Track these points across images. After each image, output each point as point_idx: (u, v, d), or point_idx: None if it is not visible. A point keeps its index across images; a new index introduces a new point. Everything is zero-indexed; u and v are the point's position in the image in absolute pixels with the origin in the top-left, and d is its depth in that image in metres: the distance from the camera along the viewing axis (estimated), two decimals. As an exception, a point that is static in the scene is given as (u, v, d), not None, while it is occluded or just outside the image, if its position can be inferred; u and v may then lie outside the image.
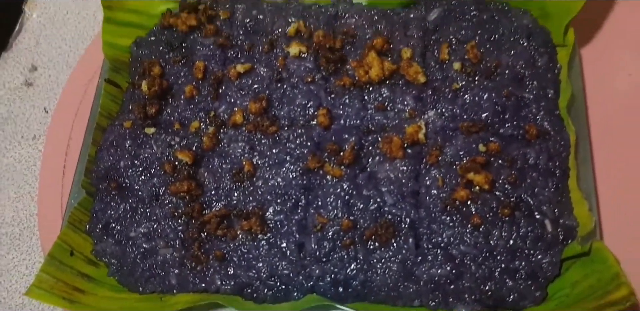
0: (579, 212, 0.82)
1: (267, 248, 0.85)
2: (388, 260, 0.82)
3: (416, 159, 0.87)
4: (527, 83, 0.90)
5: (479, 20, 0.95)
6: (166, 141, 0.94)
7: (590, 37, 0.99)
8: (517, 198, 0.83)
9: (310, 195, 0.87)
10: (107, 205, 0.92)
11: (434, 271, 0.81)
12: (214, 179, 0.91)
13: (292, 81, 0.95)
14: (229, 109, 0.95)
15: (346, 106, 0.92)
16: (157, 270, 0.87)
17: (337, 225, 0.84)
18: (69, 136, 1.06)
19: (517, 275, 0.80)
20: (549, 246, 0.81)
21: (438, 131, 0.89)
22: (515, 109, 0.88)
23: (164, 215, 0.89)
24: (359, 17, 1.00)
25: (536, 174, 0.84)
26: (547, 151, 0.86)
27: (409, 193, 0.85)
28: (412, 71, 0.91)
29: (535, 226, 0.82)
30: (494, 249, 0.81)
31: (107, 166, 0.94)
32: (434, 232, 0.83)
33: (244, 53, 1.00)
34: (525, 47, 0.92)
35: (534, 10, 0.97)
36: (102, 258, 0.90)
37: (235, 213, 0.87)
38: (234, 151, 0.92)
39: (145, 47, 1.04)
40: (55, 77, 1.19)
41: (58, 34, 1.23)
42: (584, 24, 0.96)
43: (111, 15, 1.04)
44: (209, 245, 0.87)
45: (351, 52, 0.97)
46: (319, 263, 0.83)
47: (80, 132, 1.02)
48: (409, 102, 0.91)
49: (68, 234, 0.90)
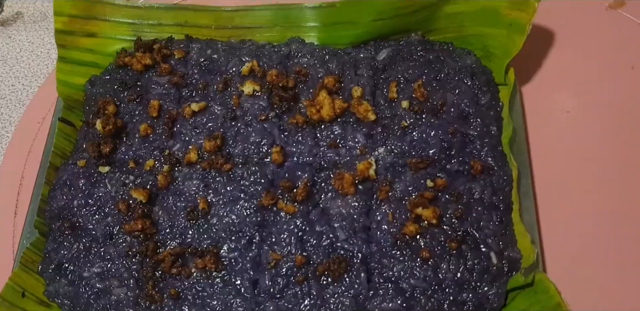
0: (522, 244, 0.85)
1: (222, 285, 0.85)
2: (341, 295, 0.83)
3: (367, 195, 0.90)
4: (472, 120, 0.94)
5: (426, 60, 1.00)
6: (120, 180, 0.94)
7: (529, 76, 1.04)
8: (463, 231, 0.86)
9: (264, 232, 0.89)
10: (60, 245, 0.92)
11: (385, 305, 0.82)
12: (168, 217, 0.91)
13: (246, 119, 0.97)
14: (184, 147, 0.96)
15: (299, 143, 0.95)
16: (110, 310, 0.87)
17: (290, 261, 0.85)
18: (22, 174, 1.05)
19: (465, 307, 0.82)
20: (495, 278, 0.83)
21: (388, 167, 0.91)
22: (460, 146, 0.92)
23: (118, 254, 0.89)
24: (310, 56, 1.03)
25: (481, 208, 0.87)
26: (492, 185, 0.89)
27: (360, 228, 0.87)
28: (362, 109, 0.94)
29: (481, 259, 0.84)
30: (442, 282, 0.83)
31: (60, 205, 0.94)
32: (385, 266, 0.85)
33: (198, 92, 1.01)
34: (469, 86, 0.97)
35: (476, 50, 1.02)
36: (55, 299, 0.89)
37: (189, 250, 0.88)
38: (188, 189, 0.93)
39: (100, 86, 1.05)
40: (8, 115, 1.20)
41: (11, 72, 1.24)
42: (524, 64, 1.01)
43: (65, 55, 1.05)
44: (164, 284, 0.87)
45: (304, 91, 0.99)
46: (273, 300, 0.84)
47: (33, 171, 1.01)
48: (360, 139, 0.94)
49: (20, 276, 0.89)
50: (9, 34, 1.28)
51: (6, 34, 1.28)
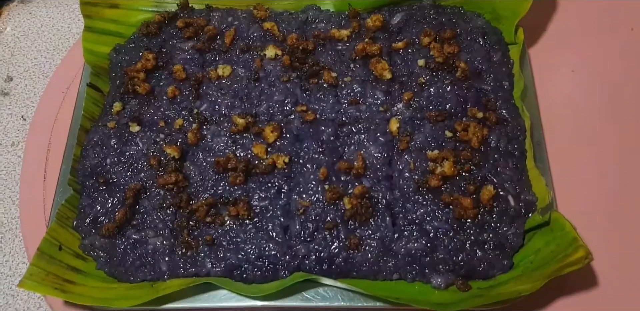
0: (537, 188, 0.90)
1: (254, 231, 0.89)
2: (368, 237, 0.88)
3: (388, 147, 0.94)
4: (485, 76, 0.99)
5: (438, 23, 1.04)
6: (151, 138, 0.98)
7: (536, 38, 1.09)
8: (482, 177, 0.91)
9: (292, 182, 0.93)
10: (94, 201, 0.95)
11: (410, 245, 0.87)
12: (199, 172, 0.95)
13: (269, 80, 1.02)
14: (211, 107, 1.00)
15: (321, 101, 0.99)
16: (147, 258, 0.90)
17: (318, 208, 0.90)
18: (49, 141, 1.08)
19: (486, 246, 0.87)
20: (513, 219, 0.88)
21: (407, 121, 0.96)
22: (475, 99, 0.97)
23: (152, 207, 0.93)
24: (327, 21, 1.07)
25: (497, 155, 0.92)
26: (506, 135, 0.94)
27: (383, 177, 0.92)
28: (380, 67, 0.98)
29: (499, 202, 0.89)
30: (463, 224, 0.88)
31: (94, 163, 0.97)
32: (409, 210, 0.89)
33: (222, 56, 1.05)
34: (482, 45, 1.01)
35: (485, 13, 1.07)
36: (90, 252, 0.92)
37: (222, 201, 0.92)
38: (217, 145, 0.96)
39: (125, 54, 1.09)
40: (32, 86, 1.23)
41: (33, 46, 1.27)
42: (530, 27, 1.06)
43: (91, 24, 1.09)
44: (198, 232, 0.91)
45: (322, 53, 1.04)
46: (304, 243, 0.88)
47: (60, 138, 1.05)
48: (379, 96, 0.98)
49: (56, 230, 0.92)
50: (29, 10, 1.31)
51: (26, 10, 1.31)
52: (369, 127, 0.96)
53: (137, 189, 0.93)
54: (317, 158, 0.94)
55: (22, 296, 1.00)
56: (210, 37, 1.06)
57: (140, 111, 1.01)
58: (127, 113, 1.01)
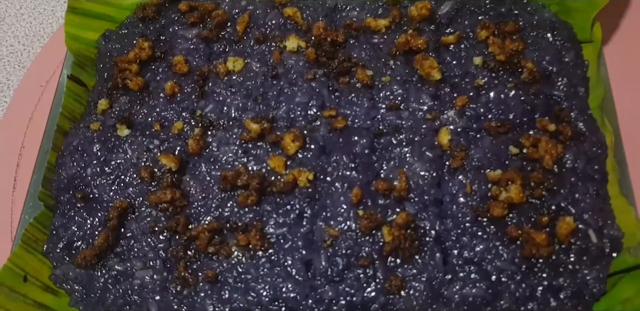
0: (623, 220, 0.75)
1: (269, 266, 0.76)
2: (413, 279, 0.73)
3: (437, 164, 0.78)
4: (556, 80, 0.83)
5: (497, 14, 0.89)
6: (143, 144, 0.85)
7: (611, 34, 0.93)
8: (556, 205, 0.75)
9: (316, 205, 0.78)
10: (70, 220, 0.83)
11: (468, 291, 0.73)
12: (201, 188, 0.81)
13: (289, 77, 0.88)
14: (217, 108, 0.86)
15: (353, 105, 0.85)
16: (132, 296, 0.78)
17: (350, 239, 0.74)
18: (22, 144, 0.96)
19: (561, 294, 0.72)
20: (595, 260, 0.73)
21: (460, 132, 0.80)
22: (545, 108, 0.80)
23: (141, 231, 0.80)
24: (361, 9, 0.93)
25: (575, 179, 0.76)
26: (584, 153, 0.78)
27: (431, 202, 0.77)
28: (427, 65, 0.83)
29: (578, 237, 0.73)
30: (534, 265, 0.72)
31: (71, 173, 0.85)
32: (464, 246, 0.75)
33: (232, 46, 0.91)
34: (551, 42, 0.86)
35: (552, 5, 0.91)
36: (63, 285, 0.80)
37: (228, 226, 0.78)
38: (224, 155, 0.82)
39: (116, 41, 0.95)
40: (5, 78, 1.11)
41: (9, 31, 1.16)
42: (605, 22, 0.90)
43: (76, 4, 0.96)
44: (198, 265, 0.77)
45: (355, 47, 0.89)
46: (331, 284, 0.74)
47: (35, 141, 0.93)
48: (425, 100, 0.82)
49: (21, 256, 0.80)
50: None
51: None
52: (412, 139, 0.81)
53: (122, 208, 0.80)
54: (349, 176, 0.80)
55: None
56: (218, 23, 0.93)
57: (130, 110, 0.89)
58: (114, 113, 0.89)
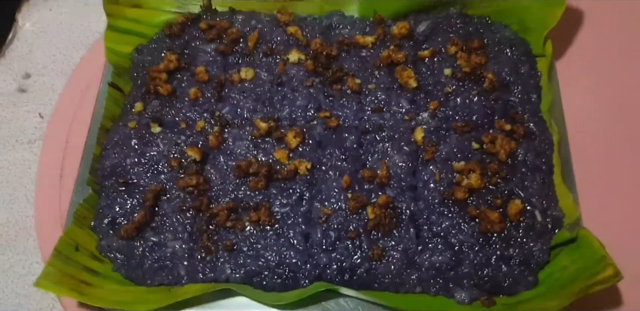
0: (564, 204, 0.89)
1: (275, 238, 0.88)
2: (391, 249, 0.87)
3: (412, 157, 0.93)
4: (513, 88, 0.98)
5: (465, 32, 1.03)
6: (172, 139, 0.97)
7: (561, 52, 1.07)
8: (509, 191, 0.89)
9: (313, 189, 0.91)
10: (113, 201, 0.94)
11: (435, 258, 0.85)
12: (220, 175, 0.94)
13: (292, 84, 1.01)
14: (233, 110, 0.99)
15: (344, 107, 0.98)
16: (165, 261, 0.89)
17: (341, 216, 0.88)
18: (66, 140, 1.06)
19: (512, 262, 0.86)
20: (540, 235, 0.87)
21: (432, 131, 0.95)
22: (503, 112, 0.95)
23: (171, 209, 0.92)
24: (351, 27, 1.06)
25: (525, 170, 0.91)
26: (534, 149, 0.92)
27: (407, 187, 0.91)
28: (406, 75, 0.97)
29: (526, 217, 0.88)
30: (489, 239, 0.86)
31: (113, 163, 0.96)
32: (433, 222, 0.88)
33: (244, 59, 1.04)
34: (509, 56, 1.00)
35: (513, 24, 1.05)
36: (107, 254, 0.91)
37: (242, 205, 0.90)
38: (239, 149, 0.95)
39: (147, 54, 1.08)
40: (50, 83, 1.21)
41: (52, 43, 1.26)
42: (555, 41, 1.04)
43: (113, 23, 1.08)
44: (218, 237, 0.89)
45: (347, 59, 1.02)
46: (325, 252, 0.87)
47: (78, 137, 1.03)
48: (404, 104, 0.97)
49: (73, 231, 0.91)
50: (49, 6, 1.30)
51: (46, 6, 1.30)
52: (393, 136, 0.95)
53: (157, 191, 0.92)
54: (340, 166, 0.93)
55: (35, 297, 0.99)
56: (233, 39, 1.05)
57: (161, 111, 1.00)
58: (148, 113, 1.00)
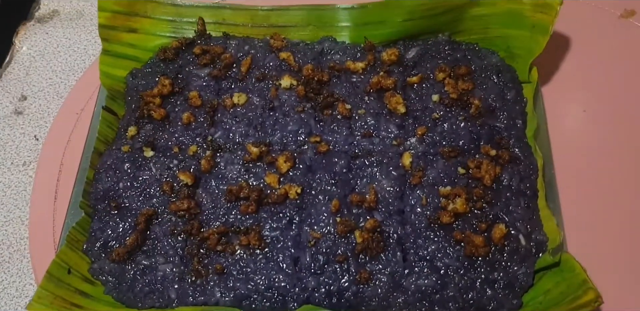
0: (548, 228, 0.91)
1: (265, 261, 0.90)
2: (378, 272, 0.88)
3: (400, 181, 0.95)
4: (499, 114, 1.00)
5: (453, 59, 1.06)
6: (165, 164, 0.98)
7: (548, 77, 1.10)
8: (493, 215, 0.91)
9: (303, 213, 0.93)
10: (105, 225, 0.95)
11: (421, 282, 0.87)
12: (211, 199, 0.95)
13: (283, 109, 1.02)
14: (225, 134, 1.01)
15: (334, 132, 1.00)
16: (156, 285, 0.90)
17: (329, 240, 0.90)
18: (61, 162, 1.08)
19: (496, 285, 0.87)
20: (524, 259, 0.89)
21: (420, 156, 0.97)
22: (488, 137, 0.98)
23: (163, 233, 0.93)
24: (343, 53, 1.09)
25: (510, 194, 0.93)
26: (519, 173, 0.94)
27: (395, 211, 0.92)
28: (394, 101, 0.99)
29: (510, 241, 0.89)
30: (474, 262, 0.88)
31: (106, 187, 0.98)
32: (420, 246, 0.89)
33: (237, 84, 1.06)
34: (495, 82, 1.03)
35: (500, 51, 1.08)
36: (99, 276, 0.93)
37: (233, 229, 0.92)
38: (230, 173, 0.97)
39: (141, 78, 1.10)
40: (46, 106, 1.23)
41: (48, 66, 1.29)
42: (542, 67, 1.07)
43: (109, 48, 1.10)
44: (208, 260, 0.91)
45: (337, 85, 1.05)
46: (313, 276, 0.88)
47: (72, 159, 1.05)
48: (393, 129, 0.99)
49: (66, 253, 0.92)
50: (46, 30, 1.33)
51: (43, 30, 1.33)
52: (381, 161, 0.96)
53: (149, 215, 0.94)
54: (329, 190, 0.94)
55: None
56: (226, 64, 1.08)
57: (154, 136, 1.02)
58: (141, 138, 1.02)
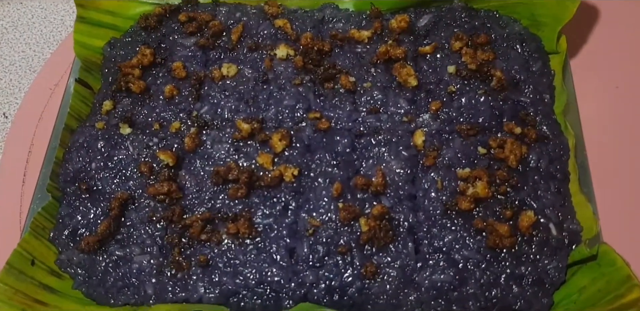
0: (582, 216, 0.80)
1: (256, 253, 0.80)
2: (387, 266, 0.78)
3: (411, 162, 0.84)
4: (523, 87, 0.89)
5: (470, 27, 0.95)
6: (144, 142, 0.89)
7: (577, 51, 0.99)
8: (519, 200, 0.80)
9: (300, 198, 0.83)
10: (75, 210, 0.86)
11: (436, 277, 0.77)
12: (195, 182, 0.85)
13: (279, 82, 0.92)
14: (212, 109, 0.91)
15: (337, 108, 0.90)
16: (131, 278, 0.81)
17: (330, 229, 0.80)
18: (31, 142, 0.99)
19: (523, 281, 0.77)
20: (555, 251, 0.78)
21: (434, 134, 0.86)
22: (512, 113, 0.87)
23: (140, 220, 0.84)
24: (346, 21, 0.98)
25: (538, 177, 0.82)
26: (548, 154, 0.84)
27: (405, 196, 0.82)
28: (405, 73, 0.89)
29: (540, 230, 0.78)
30: (498, 255, 0.77)
31: (77, 168, 0.88)
32: (435, 236, 0.79)
33: (227, 54, 0.96)
34: (519, 53, 0.92)
35: (523, 19, 0.97)
36: (67, 269, 0.83)
37: (220, 216, 0.82)
38: (217, 153, 0.86)
39: (120, 48, 1.00)
40: (17, 81, 1.14)
41: (21, 38, 1.19)
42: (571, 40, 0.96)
43: (84, 14, 1.00)
44: (191, 251, 0.81)
45: (340, 55, 0.94)
46: (312, 269, 0.78)
47: (43, 139, 0.96)
48: (403, 104, 0.88)
49: (30, 242, 0.83)
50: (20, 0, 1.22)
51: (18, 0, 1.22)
52: (390, 140, 0.86)
53: (123, 199, 0.84)
54: (331, 172, 0.84)
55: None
56: (215, 33, 0.98)
57: (132, 111, 0.93)
58: (118, 113, 0.93)
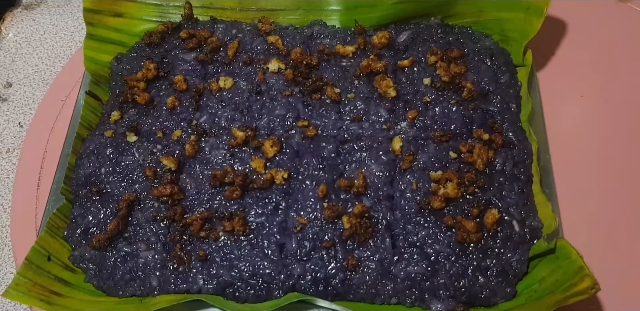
0: (543, 214, 0.88)
1: (249, 248, 0.87)
2: (367, 259, 0.85)
3: (390, 166, 0.92)
4: (492, 97, 0.97)
5: (445, 42, 1.03)
6: (148, 149, 0.96)
7: (544, 62, 1.07)
8: (486, 200, 0.88)
9: (290, 199, 0.90)
10: (86, 211, 0.93)
11: (410, 269, 0.84)
12: (195, 185, 0.93)
13: (271, 93, 1.00)
14: (210, 119, 0.98)
15: (323, 117, 0.97)
16: (137, 272, 0.88)
17: (316, 226, 0.87)
18: (45, 149, 1.06)
19: (489, 272, 0.84)
20: (517, 246, 0.85)
21: (410, 140, 0.94)
22: (481, 121, 0.95)
23: (145, 219, 0.91)
24: (332, 37, 1.06)
25: (503, 179, 0.90)
26: (512, 158, 0.91)
27: (384, 197, 0.89)
28: (384, 85, 0.96)
29: (504, 227, 0.86)
30: (466, 249, 0.85)
31: (88, 172, 0.95)
32: (410, 232, 0.86)
33: (224, 68, 1.04)
34: (489, 66, 1.00)
35: (494, 34, 1.05)
36: (80, 264, 0.90)
37: (217, 215, 0.89)
38: (215, 158, 0.94)
39: (126, 63, 1.07)
40: (31, 93, 1.21)
41: (34, 53, 1.26)
42: (539, 52, 1.04)
43: (93, 32, 1.08)
44: (191, 247, 0.88)
45: (327, 69, 1.02)
46: (299, 263, 0.85)
47: (56, 146, 1.03)
48: (383, 114, 0.96)
49: (46, 240, 0.90)
50: (32, 17, 1.30)
51: (30, 17, 1.30)
52: (371, 145, 0.94)
53: (130, 200, 0.91)
54: (317, 175, 0.92)
55: (7, 307, 0.97)
56: (213, 48, 1.05)
57: (138, 120, 1.00)
58: (124, 122, 1.00)
